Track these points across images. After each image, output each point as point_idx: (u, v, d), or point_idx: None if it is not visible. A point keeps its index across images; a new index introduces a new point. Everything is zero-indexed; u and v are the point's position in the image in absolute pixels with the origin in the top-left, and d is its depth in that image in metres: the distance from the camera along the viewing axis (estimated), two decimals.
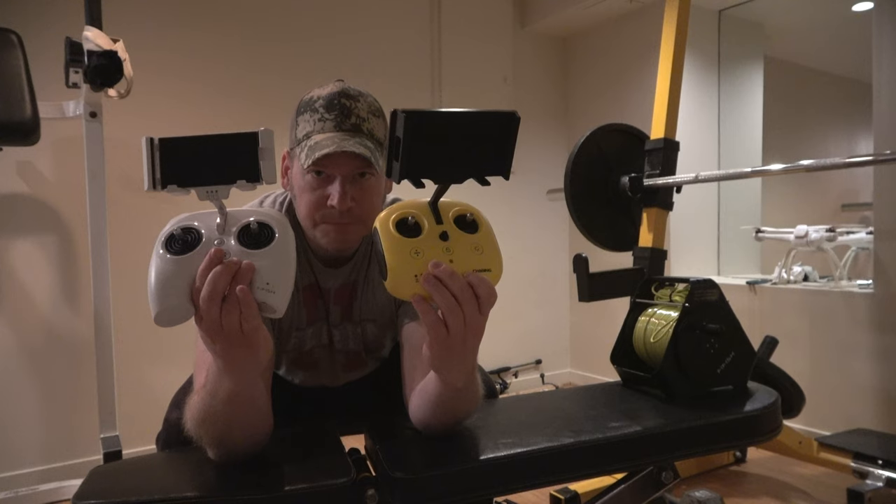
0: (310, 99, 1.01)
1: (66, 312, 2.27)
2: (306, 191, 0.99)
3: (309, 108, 0.99)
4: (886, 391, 2.25)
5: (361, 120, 0.99)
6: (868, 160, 1.70)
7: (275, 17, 2.69)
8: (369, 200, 1.01)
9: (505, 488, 0.93)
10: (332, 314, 1.16)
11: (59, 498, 2.12)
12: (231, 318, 0.72)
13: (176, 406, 1.09)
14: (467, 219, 0.85)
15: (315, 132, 0.97)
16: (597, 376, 3.40)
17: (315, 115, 0.98)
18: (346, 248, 1.06)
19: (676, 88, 2.03)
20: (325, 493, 0.84)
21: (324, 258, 1.11)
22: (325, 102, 0.98)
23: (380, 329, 1.19)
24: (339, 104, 0.98)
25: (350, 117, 0.98)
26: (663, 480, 1.13)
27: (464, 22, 3.23)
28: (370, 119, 1.00)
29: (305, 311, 1.13)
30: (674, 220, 2.87)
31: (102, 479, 0.90)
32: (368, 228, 1.00)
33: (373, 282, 1.13)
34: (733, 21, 3.21)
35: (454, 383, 0.83)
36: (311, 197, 0.99)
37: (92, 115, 1.94)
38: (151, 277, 0.76)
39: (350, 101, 0.99)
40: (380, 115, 1.03)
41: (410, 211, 0.79)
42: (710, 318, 1.14)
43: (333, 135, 0.96)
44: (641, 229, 2.02)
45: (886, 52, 2.24)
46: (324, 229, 1.01)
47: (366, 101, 1.01)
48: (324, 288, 1.13)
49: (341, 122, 0.97)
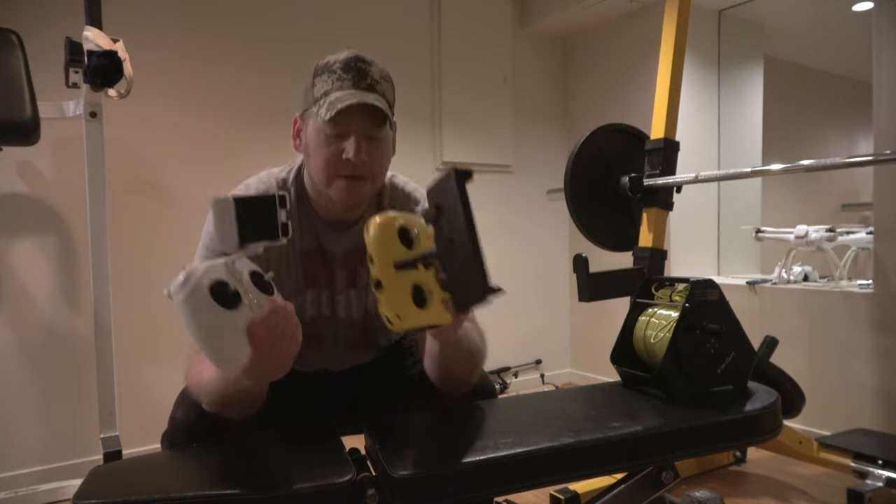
0: (326, 63, 1.07)
1: (66, 312, 2.27)
2: (322, 146, 1.05)
3: (326, 70, 1.06)
4: (886, 391, 2.25)
5: (375, 81, 1.06)
6: (868, 160, 1.70)
7: (275, 17, 2.69)
8: (380, 158, 1.08)
9: (505, 488, 0.93)
10: (337, 279, 1.18)
11: (59, 498, 2.12)
12: (290, 348, 0.86)
13: (181, 405, 1.10)
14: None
15: (334, 90, 1.03)
16: (597, 376, 3.40)
17: (333, 76, 1.04)
18: (356, 204, 1.11)
19: (676, 88, 2.03)
20: (325, 493, 0.84)
21: (330, 221, 1.15)
22: (342, 64, 1.05)
23: None
24: (356, 66, 1.05)
25: (366, 78, 1.05)
26: (663, 480, 1.13)
27: (464, 22, 3.23)
28: (382, 83, 1.07)
29: (302, 275, 1.16)
30: (674, 220, 2.87)
31: (102, 479, 0.89)
32: (377, 185, 1.11)
33: None
34: (733, 21, 3.21)
35: (448, 339, 0.95)
36: (327, 152, 1.04)
37: (92, 115, 1.94)
38: (213, 331, 0.78)
39: (365, 64, 1.06)
40: (390, 81, 1.10)
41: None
42: (710, 318, 1.13)
43: (352, 91, 1.03)
44: (641, 229, 2.02)
45: (886, 52, 2.24)
46: (338, 185, 1.06)
47: (378, 66, 1.08)
48: (328, 252, 1.17)
49: (358, 81, 1.04)
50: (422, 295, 0.85)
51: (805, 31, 3.82)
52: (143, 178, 2.43)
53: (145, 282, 2.39)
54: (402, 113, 3.06)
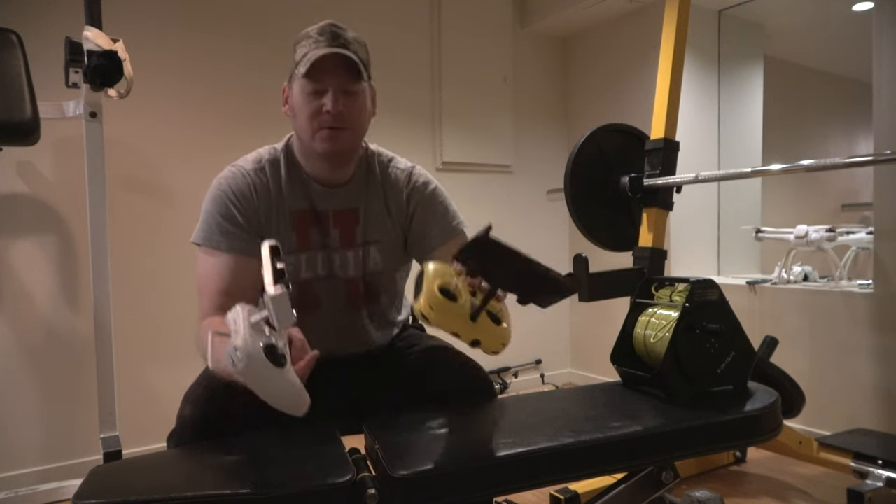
0: (304, 32, 1.18)
1: (66, 312, 2.27)
2: (304, 104, 1.16)
3: (304, 37, 1.17)
4: (886, 391, 2.25)
5: (349, 42, 1.17)
6: (868, 160, 1.70)
7: (274, 16, 2.69)
8: (358, 109, 1.18)
9: (505, 488, 0.93)
10: (331, 238, 1.24)
11: (59, 498, 2.12)
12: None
13: (189, 402, 1.11)
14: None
15: (311, 51, 1.14)
16: (597, 376, 3.40)
17: (310, 40, 1.16)
18: (339, 153, 1.20)
19: (676, 88, 2.03)
20: (325, 493, 0.84)
21: (321, 180, 1.24)
22: (318, 30, 1.17)
23: (382, 254, 1.27)
24: (330, 30, 1.16)
25: (339, 38, 1.16)
26: (663, 480, 1.13)
27: (464, 22, 3.23)
28: (355, 44, 1.18)
29: (296, 236, 1.23)
30: (674, 220, 2.87)
31: (102, 479, 0.90)
32: (358, 136, 1.21)
33: (376, 206, 1.27)
34: (733, 21, 3.21)
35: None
36: (308, 109, 1.15)
37: (92, 115, 1.94)
38: (284, 391, 0.85)
39: (339, 29, 1.18)
40: (363, 45, 1.21)
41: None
42: (710, 318, 1.14)
43: (327, 49, 1.13)
44: (641, 229, 2.02)
45: (886, 52, 2.24)
46: (321, 135, 1.16)
47: (352, 32, 1.19)
48: (321, 210, 1.24)
49: (332, 42, 1.15)
50: (496, 317, 0.92)
51: (805, 31, 3.82)
52: (143, 178, 2.43)
53: (145, 282, 2.39)
54: (402, 113, 3.09)
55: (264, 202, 1.21)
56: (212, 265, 1.16)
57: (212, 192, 1.21)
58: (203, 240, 1.18)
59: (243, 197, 1.19)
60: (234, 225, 1.17)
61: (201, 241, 1.19)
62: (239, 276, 1.15)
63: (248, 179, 1.21)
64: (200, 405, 1.09)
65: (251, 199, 1.20)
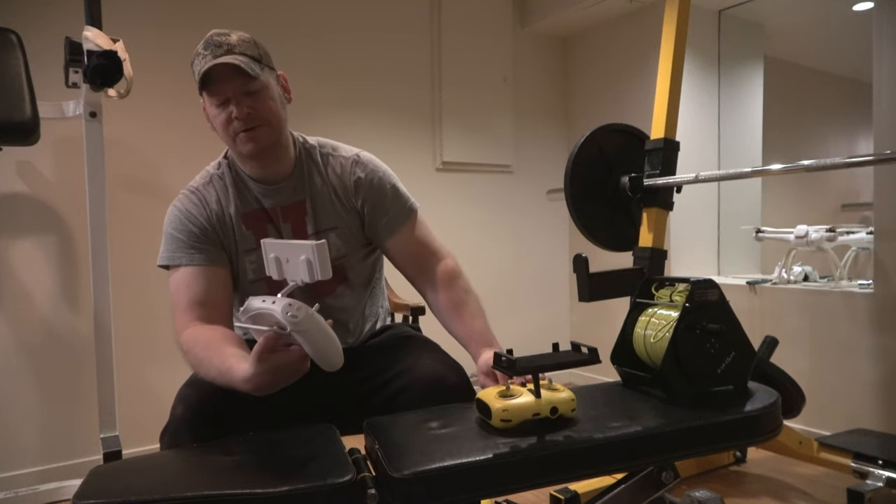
0: (195, 50, 1.20)
1: (66, 312, 2.27)
2: (216, 116, 1.20)
3: (195, 55, 1.19)
4: (886, 391, 2.25)
5: (233, 46, 1.17)
6: (868, 160, 1.69)
7: (275, 17, 2.69)
8: (264, 103, 1.20)
9: (505, 488, 0.93)
10: (284, 232, 1.30)
11: (59, 498, 2.12)
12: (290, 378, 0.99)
13: (182, 401, 1.13)
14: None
15: (200, 66, 1.17)
16: (597, 376, 3.40)
17: (199, 57, 1.18)
18: (264, 150, 1.22)
19: (676, 88, 2.02)
20: (325, 493, 0.84)
21: (261, 179, 1.29)
22: (203, 44, 1.18)
23: (342, 238, 1.31)
24: (213, 41, 1.17)
25: (221, 47, 1.17)
26: (663, 480, 1.13)
27: (464, 22, 3.23)
28: (241, 44, 1.19)
29: (252, 235, 1.28)
30: (674, 220, 2.87)
31: (102, 479, 0.90)
32: (276, 128, 1.23)
33: (322, 195, 1.30)
34: (733, 21, 3.20)
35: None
36: (220, 119, 1.20)
37: (92, 115, 1.94)
38: (332, 342, 0.94)
39: (221, 36, 1.18)
40: (250, 42, 1.21)
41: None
42: (710, 318, 1.13)
43: (212, 61, 1.15)
44: (641, 229, 2.01)
45: (886, 52, 2.24)
46: (240, 139, 1.20)
47: (236, 34, 1.20)
48: (269, 208, 1.29)
49: (215, 52, 1.16)
50: (552, 388, 1.06)
51: (805, 31, 3.82)
52: (143, 178, 2.43)
53: (145, 282, 2.39)
54: (402, 113, 3.09)
55: (216, 212, 1.27)
56: (180, 280, 1.21)
57: (168, 216, 1.28)
58: (167, 260, 1.24)
59: (197, 212, 1.26)
60: (192, 239, 1.23)
61: (166, 261, 1.24)
62: (208, 285, 1.21)
63: (198, 195, 1.28)
64: (192, 405, 1.10)
65: (203, 212, 1.26)
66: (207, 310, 1.18)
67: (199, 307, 1.18)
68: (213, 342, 1.08)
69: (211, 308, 1.19)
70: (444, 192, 3.17)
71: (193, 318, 1.16)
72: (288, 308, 0.88)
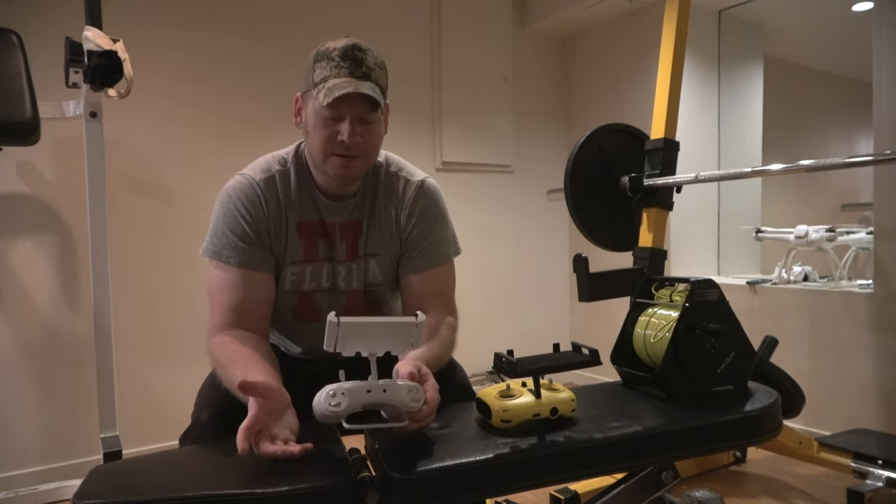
0: (326, 49, 1.14)
1: (66, 312, 2.27)
2: (320, 128, 1.14)
3: (325, 56, 1.13)
4: (886, 391, 2.25)
5: (370, 70, 1.13)
6: (868, 160, 1.70)
7: (275, 16, 2.69)
8: (373, 138, 1.17)
9: (505, 488, 0.93)
10: (338, 250, 1.25)
11: (59, 498, 2.12)
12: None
13: (206, 406, 1.13)
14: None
15: (332, 77, 1.11)
16: (597, 376, 3.40)
17: (332, 63, 1.12)
18: (350, 178, 1.20)
19: (676, 88, 2.03)
20: (325, 493, 0.84)
21: (329, 194, 1.23)
22: (340, 52, 1.12)
23: (381, 267, 1.27)
24: (353, 55, 1.12)
25: (361, 66, 1.12)
26: (663, 480, 1.13)
27: (464, 22, 3.23)
28: (377, 70, 1.15)
29: (302, 246, 1.23)
30: (674, 220, 2.87)
31: (102, 479, 0.89)
32: (370, 162, 1.20)
33: (378, 218, 1.26)
34: (733, 21, 3.21)
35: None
36: (324, 133, 1.13)
37: (92, 115, 1.94)
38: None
39: (361, 53, 1.13)
40: (383, 68, 1.17)
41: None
42: (710, 318, 1.14)
43: (348, 79, 1.10)
44: (641, 229, 2.02)
45: (886, 52, 2.24)
46: (333, 161, 1.15)
47: (373, 54, 1.16)
48: (328, 222, 1.24)
49: (354, 70, 1.11)
50: (553, 388, 1.07)
51: (805, 31, 3.82)
52: (143, 178, 2.43)
53: (145, 282, 2.39)
54: (402, 113, 3.08)
55: (274, 214, 1.20)
56: (222, 280, 1.17)
57: (222, 204, 1.20)
58: (213, 254, 1.18)
59: (254, 210, 1.18)
60: (243, 240, 1.17)
61: (211, 255, 1.18)
62: (249, 292, 1.16)
63: (258, 190, 1.19)
64: (216, 410, 1.09)
65: (261, 211, 1.19)
66: (244, 317, 1.15)
67: (236, 314, 1.14)
68: (239, 356, 1.06)
69: (248, 315, 1.16)
70: (444, 193, 3.16)
71: (228, 322, 1.14)
72: (411, 390, 0.92)
